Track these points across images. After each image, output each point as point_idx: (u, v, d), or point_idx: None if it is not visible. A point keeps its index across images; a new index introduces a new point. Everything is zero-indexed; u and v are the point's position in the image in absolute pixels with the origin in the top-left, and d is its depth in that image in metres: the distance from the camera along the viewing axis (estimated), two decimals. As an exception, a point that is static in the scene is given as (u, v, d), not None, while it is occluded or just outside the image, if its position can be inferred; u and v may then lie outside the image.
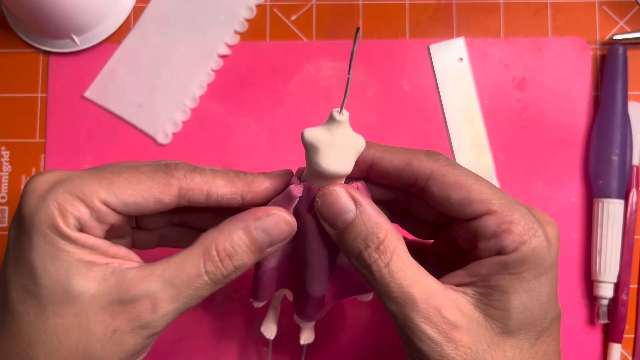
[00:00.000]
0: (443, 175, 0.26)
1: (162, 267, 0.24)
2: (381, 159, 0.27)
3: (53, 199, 0.24)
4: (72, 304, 0.23)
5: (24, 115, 0.44)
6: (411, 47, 0.44)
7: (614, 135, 0.41)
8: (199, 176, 0.26)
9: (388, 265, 0.24)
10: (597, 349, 0.41)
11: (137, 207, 0.25)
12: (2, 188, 0.43)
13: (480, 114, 0.43)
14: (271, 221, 0.25)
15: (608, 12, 0.44)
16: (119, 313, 0.23)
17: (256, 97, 0.43)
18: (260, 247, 0.25)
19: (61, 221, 0.23)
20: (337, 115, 0.25)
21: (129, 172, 0.25)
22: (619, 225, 0.41)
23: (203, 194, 0.26)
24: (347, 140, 0.25)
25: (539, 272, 0.24)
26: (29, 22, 0.42)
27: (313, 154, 0.25)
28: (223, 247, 0.25)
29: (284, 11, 0.44)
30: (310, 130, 0.25)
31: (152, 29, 0.44)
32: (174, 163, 0.27)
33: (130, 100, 0.43)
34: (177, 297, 0.24)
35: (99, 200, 0.24)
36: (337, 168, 0.25)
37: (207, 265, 0.24)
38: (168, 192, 0.25)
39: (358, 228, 0.25)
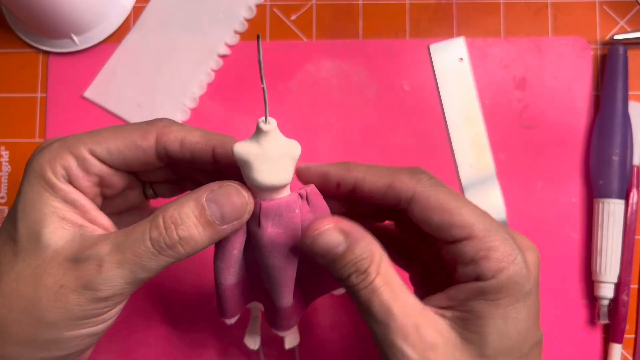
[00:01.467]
0: (425, 197, 0.26)
1: (118, 232, 0.25)
2: (363, 181, 0.27)
3: (47, 150, 0.25)
4: (38, 254, 0.24)
5: (24, 115, 0.44)
6: (411, 47, 0.44)
7: (615, 135, 0.41)
8: (177, 126, 0.27)
9: (372, 283, 0.25)
10: (598, 349, 0.41)
11: (120, 156, 0.26)
12: (2, 188, 0.43)
13: (480, 113, 0.43)
14: (223, 192, 0.25)
15: (608, 12, 0.44)
16: (69, 270, 0.24)
17: (256, 97, 0.43)
18: (209, 221, 0.24)
19: (49, 170, 0.25)
20: (264, 126, 0.24)
21: (116, 126, 0.27)
22: (620, 226, 0.41)
23: (178, 140, 0.26)
24: (279, 150, 0.24)
25: (516, 299, 0.24)
26: (29, 22, 0.42)
27: (246, 169, 0.24)
28: (170, 214, 0.24)
29: (283, 11, 0.44)
30: (240, 144, 0.24)
31: (152, 29, 0.44)
32: (159, 118, 0.27)
33: (130, 100, 0.43)
34: (122, 262, 0.24)
35: (86, 148, 0.25)
36: (273, 181, 0.24)
37: (152, 231, 0.24)
38: (145, 137, 0.26)
39: (348, 257, 0.25)
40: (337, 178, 0.27)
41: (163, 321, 0.41)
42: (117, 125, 0.27)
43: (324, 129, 0.43)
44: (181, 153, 0.27)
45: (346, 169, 0.27)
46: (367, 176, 0.27)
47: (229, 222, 0.25)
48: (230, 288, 0.29)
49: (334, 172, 0.27)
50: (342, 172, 0.27)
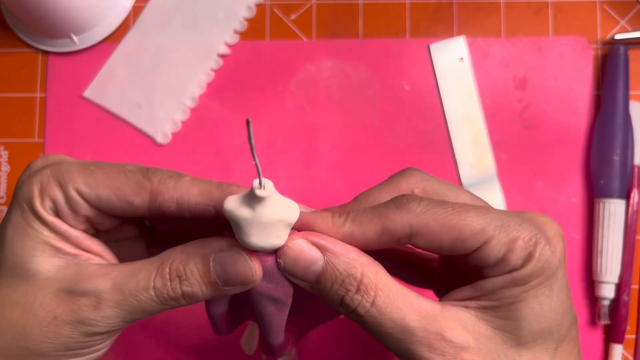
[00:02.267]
0: (424, 226, 0.23)
1: (119, 269, 0.24)
2: (352, 236, 0.24)
3: (38, 178, 0.24)
4: (26, 281, 0.23)
5: (23, 115, 0.43)
6: (411, 47, 0.44)
7: (615, 135, 0.41)
8: (173, 182, 0.24)
9: (374, 303, 0.23)
10: (598, 349, 0.41)
11: (109, 204, 0.24)
12: (1, 188, 0.43)
13: (481, 113, 0.43)
14: (230, 259, 0.23)
15: (609, 12, 0.44)
16: (63, 302, 0.23)
17: (256, 97, 0.43)
18: (213, 282, 0.23)
19: (38, 201, 0.24)
20: (258, 191, 0.22)
21: (111, 168, 0.25)
22: (620, 226, 0.40)
23: (174, 201, 0.24)
24: (272, 216, 0.22)
25: (547, 277, 0.23)
26: (28, 22, 0.42)
27: (236, 230, 0.23)
28: (176, 267, 0.23)
29: (283, 10, 0.44)
30: (232, 202, 0.22)
31: (152, 29, 0.44)
32: (156, 169, 0.25)
33: (129, 100, 0.43)
34: (121, 303, 0.23)
35: (74, 188, 0.24)
36: (264, 246, 0.23)
37: (156, 280, 0.23)
38: (139, 195, 0.24)
39: (331, 275, 0.23)
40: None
41: (161, 326, 0.41)
42: (112, 168, 0.25)
43: (324, 129, 0.43)
44: (178, 212, 0.25)
45: (331, 225, 0.24)
46: (355, 230, 0.24)
47: (233, 286, 0.24)
48: (220, 317, 0.28)
49: (318, 228, 0.24)
50: (327, 231, 0.24)
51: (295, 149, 0.43)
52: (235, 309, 0.29)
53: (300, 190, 0.42)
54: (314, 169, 0.43)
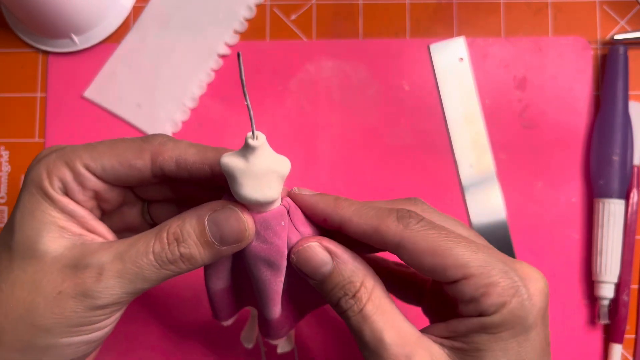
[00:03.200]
0: (413, 243, 0.24)
1: (121, 242, 0.25)
2: (349, 222, 0.26)
3: (45, 162, 0.25)
4: (35, 261, 0.24)
5: (23, 115, 0.44)
6: (411, 47, 0.44)
7: (615, 135, 0.41)
8: (172, 143, 0.26)
9: (362, 310, 0.24)
10: (598, 349, 0.41)
11: (114, 172, 0.26)
12: (2, 188, 0.43)
13: (480, 113, 0.43)
14: (223, 215, 0.24)
15: (609, 12, 0.44)
16: (68, 277, 0.24)
17: (256, 97, 0.43)
18: (209, 242, 0.25)
19: (46, 181, 0.25)
20: (251, 141, 0.23)
21: (112, 141, 0.26)
22: (620, 226, 0.41)
23: (173, 160, 0.26)
24: (266, 166, 0.23)
25: (518, 332, 0.23)
26: (29, 22, 0.42)
27: (231, 182, 0.24)
28: (174, 230, 0.25)
29: (283, 11, 0.44)
30: (228, 156, 0.24)
31: (152, 29, 0.44)
32: (155, 134, 0.27)
33: (129, 100, 0.43)
34: (122, 272, 0.24)
35: (81, 163, 0.25)
36: (257, 197, 0.24)
37: (155, 245, 0.24)
38: (140, 157, 0.26)
39: (336, 279, 0.25)
40: (323, 214, 0.26)
41: (162, 321, 0.41)
42: (112, 141, 0.27)
43: (324, 129, 0.43)
44: (177, 172, 0.26)
45: (333, 206, 0.26)
46: (353, 217, 0.26)
47: (229, 245, 0.25)
48: (220, 293, 0.29)
49: (321, 206, 0.26)
50: (329, 209, 0.26)
51: (295, 149, 0.43)
52: (235, 289, 0.30)
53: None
54: (314, 169, 0.43)
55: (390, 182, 0.42)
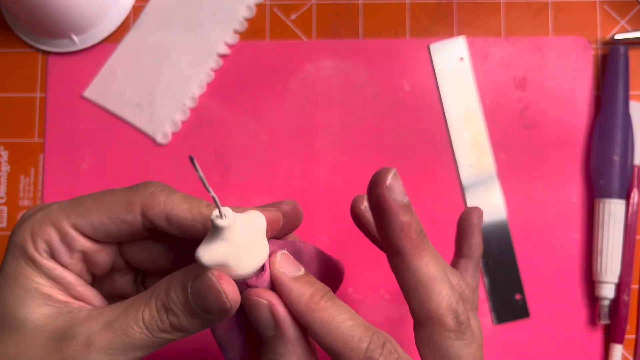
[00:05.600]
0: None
1: (110, 309, 0.23)
2: (313, 330, 0.23)
3: (29, 223, 0.24)
4: (16, 332, 0.23)
5: (23, 115, 0.43)
6: (411, 47, 0.44)
7: (615, 135, 0.41)
8: (163, 196, 0.24)
9: None
10: (598, 349, 0.41)
11: (105, 229, 0.24)
12: (1, 188, 0.43)
13: (481, 113, 0.43)
14: (202, 285, 0.22)
15: (609, 12, 0.44)
16: (53, 350, 0.22)
17: (256, 97, 0.43)
18: (194, 311, 0.22)
19: (30, 245, 0.23)
20: (221, 222, 0.21)
21: (99, 194, 0.25)
22: (620, 226, 0.40)
23: (164, 215, 0.24)
24: (247, 234, 0.22)
25: None
26: (28, 22, 0.42)
27: (227, 271, 0.22)
28: (161, 297, 0.23)
29: (283, 10, 0.44)
30: (205, 250, 0.21)
31: (152, 29, 0.44)
32: (146, 183, 0.25)
33: (129, 100, 0.43)
34: (112, 342, 0.22)
35: (68, 222, 0.24)
36: (256, 265, 0.23)
37: (144, 312, 0.23)
38: (130, 210, 0.24)
39: (270, 346, 0.24)
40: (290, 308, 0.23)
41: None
42: (100, 194, 0.25)
43: (324, 129, 0.43)
44: (168, 229, 0.24)
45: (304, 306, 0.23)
46: (318, 328, 0.23)
47: (214, 315, 0.22)
48: (226, 339, 0.27)
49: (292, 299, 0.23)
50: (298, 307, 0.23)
51: (295, 149, 0.43)
52: (241, 327, 0.29)
53: (300, 190, 0.42)
54: (314, 169, 0.43)
55: (390, 182, 0.42)
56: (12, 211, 0.43)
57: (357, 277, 0.42)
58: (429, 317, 0.23)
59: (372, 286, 0.42)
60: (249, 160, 0.43)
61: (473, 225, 0.31)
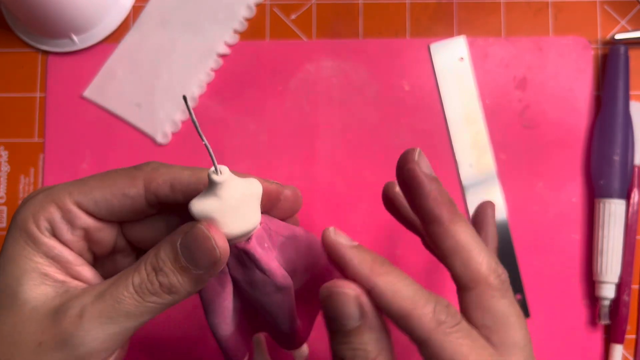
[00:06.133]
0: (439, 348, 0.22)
1: (102, 282, 0.24)
2: (380, 295, 0.23)
3: (31, 202, 0.24)
4: (15, 311, 0.23)
5: (23, 115, 0.43)
6: (411, 46, 0.44)
7: (616, 135, 0.41)
8: (164, 168, 0.25)
9: None
10: (598, 349, 0.41)
11: (107, 205, 0.24)
12: (1, 188, 0.43)
13: (481, 113, 0.43)
14: (192, 236, 0.22)
15: (609, 12, 0.44)
16: (48, 326, 0.22)
17: (256, 96, 0.43)
18: (185, 267, 0.23)
19: (32, 223, 0.24)
20: (216, 177, 0.22)
21: (102, 174, 0.25)
22: (621, 226, 0.40)
23: (167, 184, 0.25)
24: (240, 195, 0.22)
25: None
26: (28, 22, 0.42)
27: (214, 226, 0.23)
28: (151, 259, 0.23)
29: (283, 10, 0.44)
30: (197, 202, 0.22)
31: (152, 29, 0.44)
32: (147, 162, 0.26)
33: (129, 100, 0.43)
34: (103, 310, 0.22)
35: (71, 200, 0.24)
36: (244, 229, 0.23)
37: (134, 277, 0.23)
38: (134, 185, 0.24)
39: (355, 338, 0.23)
40: (354, 276, 0.24)
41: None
42: (103, 173, 0.25)
43: (324, 129, 0.43)
44: (172, 196, 0.25)
45: (369, 271, 0.23)
46: (387, 291, 0.23)
47: (204, 268, 0.23)
48: (231, 337, 0.28)
49: (355, 267, 0.24)
50: (363, 272, 0.23)
51: (295, 149, 0.43)
52: (243, 328, 0.29)
53: (300, 190, 0.42)
54: (314, 169, 0.43)
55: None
56: (12, 211, 0.43)
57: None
58: (475, 279, 0.24)
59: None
60: (249, 160, 0.43)
61: (488, 215, 0.31)
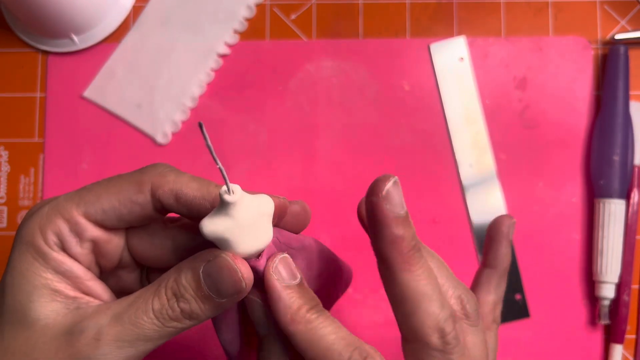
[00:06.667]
0: None
1: (118, 302, 0.23)
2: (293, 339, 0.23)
3: (37, 216, 0.23)
4: (26, 328, 0.22)
5: (23, 115, 0.43)
6: (412, 47, 0.44)
7: (616, 135, 0.41)
8: (173, 175, 0.24)
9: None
10: (598, 349, 0.41)
11: (116, 213, 0.24)
12: (1, 188, 0.43)
13: (481, 113, 0.43)
14: (216, 267, 0.22)
15: (609, 12, 0.44)
16: (62, 346, 0.22)
17: (256, 96, 0.43)
18: (207, 295, 0.22)
19: (39, 238, 0.23)
20: (228, 197, 0.21)
21: (106, 181, 0.24)
22: (621, 226, 0.40)
23: (173, 194, 0.24)
24: (252, 214, 0.22)
25: None
26: (28, 22, 0.42)
27: (223, 246, 0.23)
28: (171, 285, 0.23)
29: (283, 10, 0.44)
30: (209, 222, 0.22)
31: (152, 29, 0.44)
32: (154, 164, 0.25)
33: (129, 100, 0.43)
34: (122, 334, 0.22)
35: (78, 211, 0.23)
36: (257, 247, 0.23)
37: (154, 302, 0.23)
38: (140, 191, 0.24)
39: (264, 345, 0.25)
40: (275, 316, 0.24)
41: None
42: (107, 180, 0.24)
43: (323, 129, 0.43)
44: (176, 207, 0.24)
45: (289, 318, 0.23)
46: (301, 340, 0.23)
47: (228, 297, 0.23)
48: (231, 342, 0.27)
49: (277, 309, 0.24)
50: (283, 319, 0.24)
51: (295, 149, 0.43)
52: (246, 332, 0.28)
53: (300, 190, 0.42)
54: (314, 169, 0.43)
55: (390, 182, 0.42)
56: (12, 211, 0.43)
57: (357, 277, 0.42)
58: (413, 334, 0.23)
59: (372, 286, 0.42)
60: (249, 160, 0.43)
61: (501, 233, 0.29)
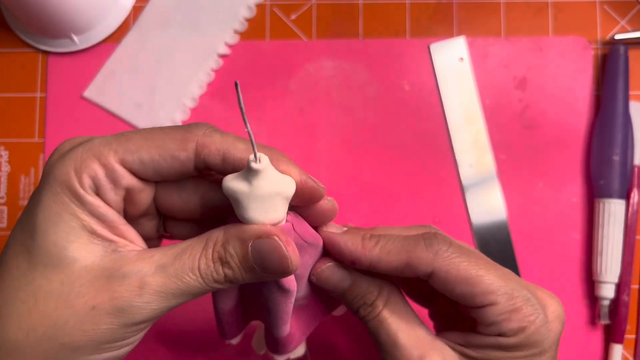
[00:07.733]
0: (445, 271, 0.26)
1: (161, 252, 0.23)
2: (378, 263, 0.27)
3: (71, 157, 0.23)
4: (62, 269, 0.22)
5: (23, 115, 0.43)
6: (411, 47, 0.44)
7: (615, 135, 0.41)
8: (219, 135, 0.24)
9: (379, 314, 0.27)
10: (598, 349, 0.41)
11: (155, 166, 0.23)
12: (1, 188, 0.43)
13: (481, 113, 0.43)
14: (267, 247, 0.23)
15: (609, 12, 0.44)
16: (103, 290, 0.22)
17: (256, 97, 0.43)
18: (252, 267, 0.23)
19: (75, 180, 0.22)
20: (254, 164, 0.22)
21: (148, 131, 0.24)
22: (620, 226, 0.40)
23: (220, 154, 0.23)
24: (270, 189, 0.23)
25: (533, 353, 0.25)
26: (28, 22, 0.42)
27: (235, 206, 0.23)
28: (218, 249, 0.23)
29: (283, 10, 0.44)
30: (231, 179, 0.23)
31: (152, 29, 0.44)
32: (197, 123, 0.25)
33: (129, 100, 0.43)
34: (166, 287, 0.22)
35: (115, 158, 0.23)
36: (262, 220, 0.23)
37: (201, 262, 0.23)
38: (184, 148, 0.23)
39: (355, 291, 0.27)
40: (351, 257, 0.27)
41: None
42: (148, 130, 0.24)
43: (324, 129, 0.43)
44: (223, 167, 0.24)
45: (361, 249, 0.27)
46: (382, 257, 0.27)
47: (272, 275, 0.24)
48: (229, 312, 0.28)
49: (348, 249, 0.27)
50: (357, 252, 0.27)
51: (295, 149, 0.43)
52: (242, 307, 0.29)
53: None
54: (314, 169, 0.43)
55: (390, 182, 0.42)
56: (12, 211, 0.43)
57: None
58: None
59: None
60: (249, 160, 0.43)
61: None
